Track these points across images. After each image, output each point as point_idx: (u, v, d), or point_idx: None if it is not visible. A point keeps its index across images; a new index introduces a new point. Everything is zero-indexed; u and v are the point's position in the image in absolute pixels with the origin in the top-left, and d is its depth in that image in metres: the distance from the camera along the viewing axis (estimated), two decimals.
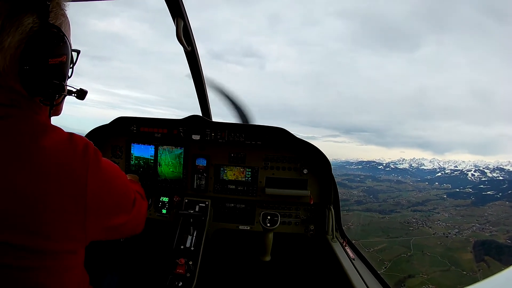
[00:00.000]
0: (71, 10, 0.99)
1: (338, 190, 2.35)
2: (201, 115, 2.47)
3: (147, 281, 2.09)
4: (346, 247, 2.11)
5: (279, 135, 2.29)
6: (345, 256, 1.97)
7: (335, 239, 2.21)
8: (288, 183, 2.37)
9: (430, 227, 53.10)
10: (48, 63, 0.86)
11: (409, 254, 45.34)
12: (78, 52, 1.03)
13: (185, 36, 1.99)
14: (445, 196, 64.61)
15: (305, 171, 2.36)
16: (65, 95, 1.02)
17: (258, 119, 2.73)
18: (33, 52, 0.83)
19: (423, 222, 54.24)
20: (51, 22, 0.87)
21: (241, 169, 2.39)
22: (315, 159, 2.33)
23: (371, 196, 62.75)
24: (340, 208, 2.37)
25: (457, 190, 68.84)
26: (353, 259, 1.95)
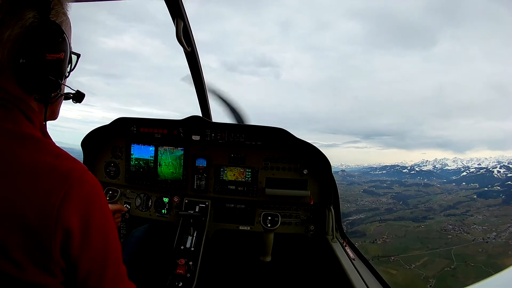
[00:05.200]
0: (79, 28, 0.98)
1: (366, 199, 2.89)
2: (201, 115, 2.41)
3: (147, 282, 2.05)
4: (346, 247, 2.10)
5: (279, 135, 2.28)
6: (345, 256, 1.96)
7: (335, 239, 2.19)
8: (288, 184, 2.35)
9: (468, 233, 49.71)
10: (45, 58, 0.83)
11: (452, 266, 41.94)
12: (78, 55, 0.99)
13: (185, 36, 1.99)
14: (475, 197, 60.51)
15: (305, 172, 2.34)
16: (62, 95, 0.99)
17: None
18: (31, 46, 0.81)
19: (460, 228, 50.80)
20: (52, 19, 0.85)
21: (241, 170, 2.39)
22: (315, 159, 2.30)
23: (401, 203, 58.65)
24: (340, 208, 2.37)
25: (486, 189, 64.54)
26: (353, 259, 1.94)
